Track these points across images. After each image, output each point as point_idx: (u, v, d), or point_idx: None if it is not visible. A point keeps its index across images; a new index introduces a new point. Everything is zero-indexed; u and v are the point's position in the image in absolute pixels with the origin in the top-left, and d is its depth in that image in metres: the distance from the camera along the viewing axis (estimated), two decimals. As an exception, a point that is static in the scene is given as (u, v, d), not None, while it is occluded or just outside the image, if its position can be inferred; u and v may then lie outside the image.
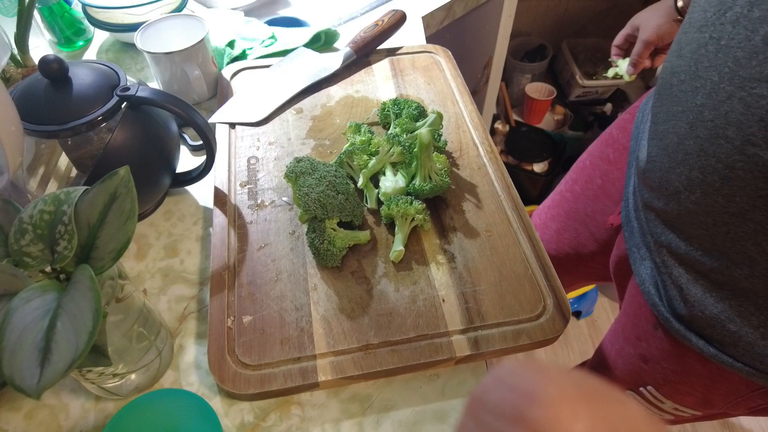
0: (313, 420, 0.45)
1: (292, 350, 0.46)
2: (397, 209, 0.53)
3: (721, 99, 0.38)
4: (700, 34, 0.41)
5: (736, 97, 0.36)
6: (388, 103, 0.65)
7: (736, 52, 0.36)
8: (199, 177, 0.61)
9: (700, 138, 0.40)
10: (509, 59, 1.76)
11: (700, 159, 0.41)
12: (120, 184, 0.35)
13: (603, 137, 0.75)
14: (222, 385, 0.44)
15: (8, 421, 0.45)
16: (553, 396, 0.21)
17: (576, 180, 0.78)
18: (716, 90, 0.38)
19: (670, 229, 0.49)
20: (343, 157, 0.59)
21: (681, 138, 0.43)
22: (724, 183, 0.39)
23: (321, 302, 0.49)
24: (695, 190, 0.42)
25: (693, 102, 0.41)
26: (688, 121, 0.42)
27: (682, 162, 0.43)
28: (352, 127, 0.62)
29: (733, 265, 0.43)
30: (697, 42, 0.41)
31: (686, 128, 0.42)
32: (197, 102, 0.76)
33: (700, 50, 0.41)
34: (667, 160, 0.46)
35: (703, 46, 0.40)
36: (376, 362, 0.45)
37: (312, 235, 0.52)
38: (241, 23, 0.83)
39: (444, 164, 0.58)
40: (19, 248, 0.34)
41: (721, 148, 0.39)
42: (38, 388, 0.30)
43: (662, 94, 0.48)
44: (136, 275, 0.55)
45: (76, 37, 0.85)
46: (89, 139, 0.51)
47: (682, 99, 0.43)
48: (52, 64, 0.48)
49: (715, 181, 0.40)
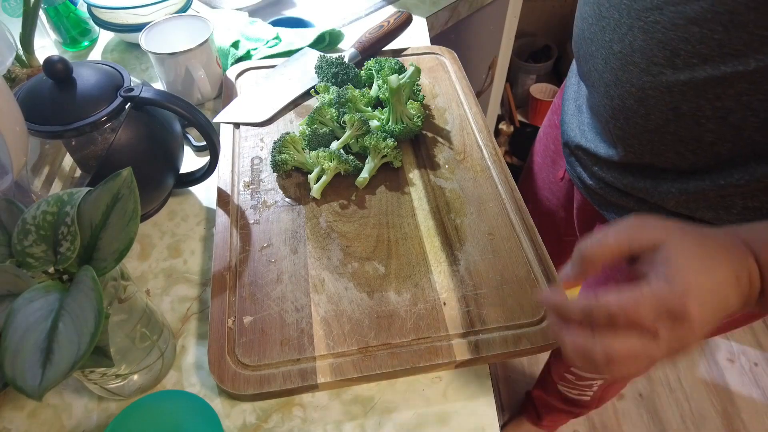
0: (315, 422, 0.45)
1: (292, 351, 0.46)
2: (369, 141, 0.60)
3: (624, 31, 0.43)
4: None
5: (636, 27, 0.42)
6: (371, 63, 0.70)
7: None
8: (203, 177, 0.61)
9: (614, 69, 0.46)
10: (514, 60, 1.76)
11: (617, 88, 0.46)
12: (123, 185, 0.36)
13: (551, 107, 0.79)
14: (221, 384, 0.44)
15: (11, 420, 0.46)
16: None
17: (536, 151, 0.82)
18: (619, 25, 0.44)
19: (608, 168, 0.54)
20: (314, 115, 0.63)
21: (600, 73, 0.49)
22: (640, 105, 0.45)
23: (322, 304, 0.49)
24: (618, 117, 0.48)
25: (602, 39, 0.47)
26: (602, 56, 0.47)
27: (604, 93, 0.49)
28: (321, 87, 0.67)
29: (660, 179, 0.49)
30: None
31: (602, 63, 0.48)
32: (201, 102, 0.76)
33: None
34: (595, 95, 0.51)
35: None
36: (376, 365, 0.45)
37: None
38: (246, 24, 0.83)
39: (418, 111, 0.65)
40: (23, 249, 0.34)
41: (631, 74, 0.44)
42: (40, 389, 0.30)
43: (578, 39, 0.53)
44: (139, 275, 0.56)
45: (81, 37, 0.86)
46: (93, 140, 0.51)
47: (593, 39, 0.49)
48: (56, 65, 0.48)
49: (632, 104, 0.46)
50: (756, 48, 0.36)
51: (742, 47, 0.36)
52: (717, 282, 0.33)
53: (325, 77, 0.70)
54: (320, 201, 0.58)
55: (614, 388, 0.95)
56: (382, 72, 0.68)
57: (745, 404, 1.40)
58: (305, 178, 0.60)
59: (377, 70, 0.69)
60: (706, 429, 1.36)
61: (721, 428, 1.36)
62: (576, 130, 0.58)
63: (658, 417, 1.39)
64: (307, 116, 0.64)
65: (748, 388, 1.44)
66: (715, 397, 1.42)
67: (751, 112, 0.39)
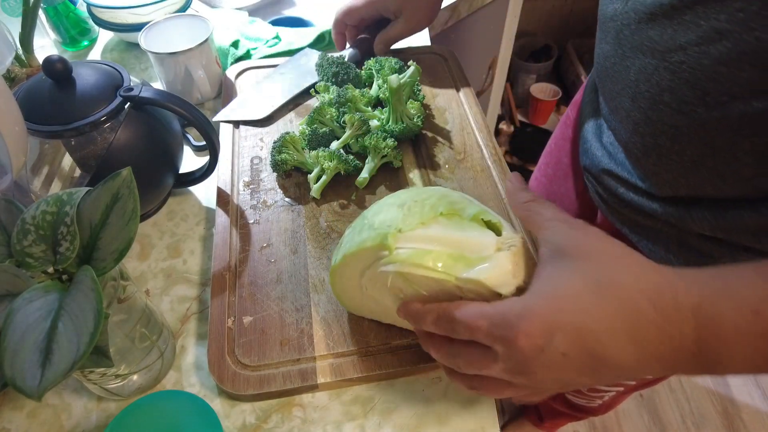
0: (315, 422, 0.45)
1: (292, 351, 0.46)
2: (369, 141, 0.59)
3: (650, 72, 0.42)
4: (613, 23, 0.45)
5: (661, 67, 0.40)
6: (371, 62, 0.70)
7: (648, 32, 0.41)
8: (203, 177, 0.61)
9: (643, 108, 0.44)
10: (514, 59, 1.76)
11: (647, 126, 0.45)
12: (122, 185, 0.35)
13: (562, 119, 0.77)
14: (221, 385, 0.44)
15: (11, 420, 0.46)
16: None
17: (548, 164, 0.81)
18: (644, 65, 0.42)
19: (635, 192, 0.51)
20: (313, 114, 0.63)
21: (627, 111, 0.47)
22: (674, 142, 0.43)
23: (322, 304, 0.49)
24: (651, 154, 0.46)
25: (628, 79, 0.45)
26: (629, 95, 0.46)
27: (634, 131, 0.47)
28: (321, 87, 0.67)
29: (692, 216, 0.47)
30: (614, 29, 0.46)
31: (629, 102, 0.46)
32: (201, 102, 0.76)
33: (619, 35, 0.45)
34: (624, 132, 0.49)
35: (620, 31, 0.44)
36: (376, 365, 0.45)
37: None
38: (246, 23, 0.83)
39: (418, 110, 0.64)
40: (22, 249, 0.34)
41: (662, 113, 0.42)
42: (39, 389, 0.30)
43: (601, 76, 0.52)
44: (138, 275, 0.55)
45: (80, 36, 0.86)
46: (93, 140, 0.51)
47: (618, 78, 0.47)
48: (56, 65, 0.48)
49: (665, 142, 0.44)
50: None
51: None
52: (595, 319, 0.30)
53: (325, 76, 0.70)
54: (320, 201, 0.58)
55: (625, 396, 0.93)
56: (382, 72, 0.68)
57: (745, 404, 1.40)
58: (305, 178, 0.60)
59: (377, 69, 0.69)
60: (707, 429, 1.36)
61: (722, 428, 1.36)
62: (602, 152, 0.55)
63: (659, 417, 1.39)
64: (307, 116, 0.64)
65: (749, 388, 1.44)
66: (715, 397, 1.42)
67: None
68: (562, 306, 0.31)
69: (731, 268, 0.31)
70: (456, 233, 0.38)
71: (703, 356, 0.30)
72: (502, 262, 0.36)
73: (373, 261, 0.40)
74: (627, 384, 0.81)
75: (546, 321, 0.31)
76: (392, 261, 0.38)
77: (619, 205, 0.54)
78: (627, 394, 0.89)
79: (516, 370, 0.32)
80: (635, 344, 0.30)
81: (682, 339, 0.30)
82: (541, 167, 0.83)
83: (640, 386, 0.81)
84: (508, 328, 0.31)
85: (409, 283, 0.39)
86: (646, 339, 0.30)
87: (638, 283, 0.31)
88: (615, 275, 0.32)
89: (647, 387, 0.83)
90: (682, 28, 0.37)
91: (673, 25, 0.38)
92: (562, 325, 0.31)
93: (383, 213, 0.41)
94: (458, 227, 0.39)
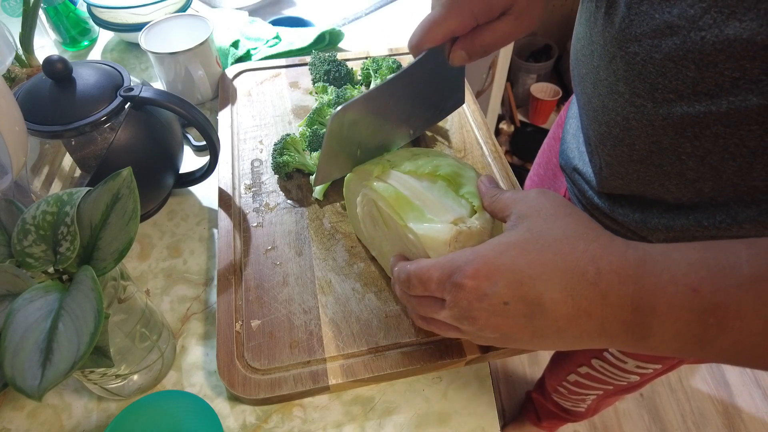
0: (315, 422, 0.45)
1: (302, 354, 0.46)
2: None
3: (609, 59, 0.42)
4: (589, 3, 0.45)
5: (618, 56, 0.40)
6: (368, 62, 0.70)
7: (612, 17, 0.41)
8: (203, 177, 0.61)
9: (602, 95, 0.45)
10: (514, 59, 1.76)
11: (604, 114, 0.45)
12: (122, 185, 0.35)
13: (557, 120, 0.78)
14: (232, 389, 0.44)
15: (11, 420, 0.46)
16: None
17: (539, 163, 0.81)
18: (605, 52, 0.42)
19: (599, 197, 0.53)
20: (313, 115, 0.62)
21: (589, 97, 0.47)
22: (625, 134, 0.44)
23: (329, 305, 0.49)
24: (606, 143, 0.47)
25: (592, 63, 0.45)
26: (592, 81, 0.46)
27: (593, 119, 0.48)
28: (319, 88, 0.67)
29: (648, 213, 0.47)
30: (587, 10, 0.45)
31: (591, 88, 0.47)
32: (201, 102, 0.76)
33: (591, 18, 0.45)
34: (585, 118, 0.50)
35: (592, 13, 0.44)
36: (387, 365, 0.45)
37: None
38: (246, 23, 0.83)
39: None
40: (22, 249, 0.34)
41: (617, 102, 0.43)
42: (39, 389, 0.30)
43: (573, 59, 0.52)
44: (139, 275, 0.55)
45: (81, 36, 0.86)
46: (93, 140, 0.51)
47: (584, 62, 0.47)
48: (56, 65, 0.48)
49: (618, 132, 0.44)
50: (727, 90, 0.34)
51: (714, 87, 0.35)
52: (534, 267, 0.32)
53: (317, 74, 0.70)
54: (323, 202, 0.58)
55: (608, 401, 0.94)
56: (380, 71, 0.68)
57: (745, 404, 1.40)
58: (307, 180, 0.60)
59: (375, 69, 0.69)
60: (707, 429, 1.35)
61: (722, 428, 1.35)
62: (575, 151, 0.57)
63: (659, 417, 1.38)
64: (306, 117, 0.64)
65: (749, 388, 1.43)
66: (715, 396, 1.42)
67: (728, 155, 0.37)
68: (507, 251, 0.34)
69: (680, 246, 0.32)
70: (434, 195, 0.42)
71: (636, 325, 0.31)
72: (444, 231, 0.40)
73: (364, 180, 0.46)
74: (606, 388, 0.81)
75: (490, 264, 0.33)
76: (368, 185, 0.45)
77: (591, 207, 0.55)
78: (610, 397, 0.90)
79: (461, 315, 0.35)
80: (570, 297, 0.32)
81: (618, 302, 0.31)
82: (535, 167, 0.84)
83: (621, 391, 0.82)
84: (457, 271, 0.34)
85: (379, 213, 0.46)
86: (581, 294, 0.31)
87: (585, 243, 0.33)
88: (563, 233, 0.34)
89: (628, 392, 0.83)
90: (638, 18, 0.38)
91: (631, 15, 0.38)
92: (504, 269, 0.33)
93: (397, 153, 0.48)
94: (442, 193, 0.43)
